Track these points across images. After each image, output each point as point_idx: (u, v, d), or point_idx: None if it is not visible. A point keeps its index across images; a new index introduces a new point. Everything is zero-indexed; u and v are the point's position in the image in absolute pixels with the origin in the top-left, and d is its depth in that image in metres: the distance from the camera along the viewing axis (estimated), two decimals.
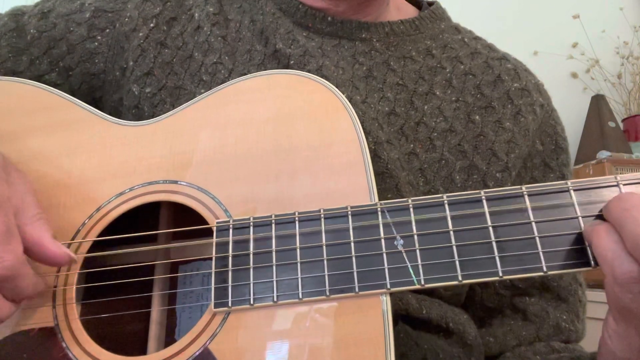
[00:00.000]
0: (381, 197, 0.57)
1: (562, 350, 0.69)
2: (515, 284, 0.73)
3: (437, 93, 0.73)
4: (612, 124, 2.25)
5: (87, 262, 0.60)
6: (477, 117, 0.73)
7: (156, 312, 0.62)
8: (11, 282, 0.50)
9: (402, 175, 0.67)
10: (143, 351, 0.60)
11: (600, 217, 0.48)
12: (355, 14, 0.77)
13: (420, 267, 0.50)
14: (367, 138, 0.59)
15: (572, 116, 2.35)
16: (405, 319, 0.64)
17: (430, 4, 0.85)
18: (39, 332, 0.56)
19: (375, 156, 0.65)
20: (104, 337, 0.57)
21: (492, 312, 0.74)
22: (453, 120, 0.72)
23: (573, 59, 2.43)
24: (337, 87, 0.60)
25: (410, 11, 0.85)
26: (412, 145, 0.70)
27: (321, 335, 0.50)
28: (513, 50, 0.85)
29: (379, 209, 0.53)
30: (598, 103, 2.32)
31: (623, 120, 2.38)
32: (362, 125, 0.58)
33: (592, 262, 0.47)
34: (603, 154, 2.01)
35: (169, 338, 0.62)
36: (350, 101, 0.60)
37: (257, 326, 0.51)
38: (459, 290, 0.70)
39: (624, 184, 0.49)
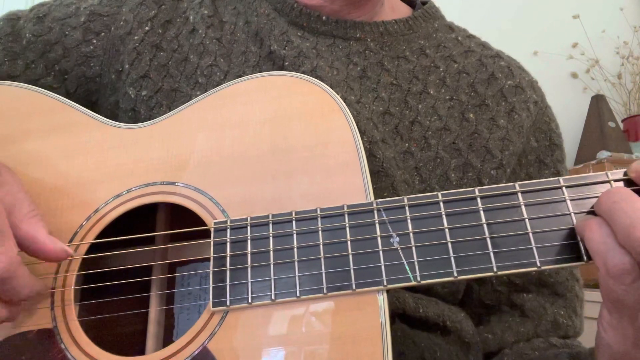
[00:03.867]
0: (377, 195, 0.57)
1: (560, 345, 0.70)
2: (513, 281, 0.73)
3: (431, 92, 0.74)
4: (612, 124, 2.25)
5: (85, 264, 0.60)
6: (472, 115, 0.73)
7: (154, 312, 0.62)
8: (7, 283, 0.50)
9: (397, 174, 0.67)
10: (142, 351, 0.61)
11: (592, 213, 0.48)
12: (349, 12, 0.77)
13: (416, 263, 0.50)
14: (362, 137, 0.59)
15: (572, 116, 2.35)
16: (402, 318, 0.65)
17: (424, 3, 0.85)
18: (38, 334, 0.56)
19: (370, 155, 0.66)
20: (102, 338, 0.57)
21: (489, 309, 0.74)
22: (447, 118, 0.72)
23: (573, 59, 2.43)
24: (331, 87, 0.61)
25: (404, 10, 0.85)
26: (407, 144, 0.70)
27: (319, 333, 0.50)
28: (513, 50, 0.85)
29: (374, 207, 0.53)
30: (598, 103, 2.32)
31: (623, 120, 2.38)
32: (357, 125, 0.59)
33: (585, 257, 0.47)
34: (603, 154, 2.01)
35: (167, 338, 0.63)
36: (344, 101, 0.60)
37: (255, 325, 0.52)
38: (456, 287, 0.71)
39: (615, 180, 0.50)
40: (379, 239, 0.52)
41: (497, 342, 0.71)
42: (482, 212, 0.51)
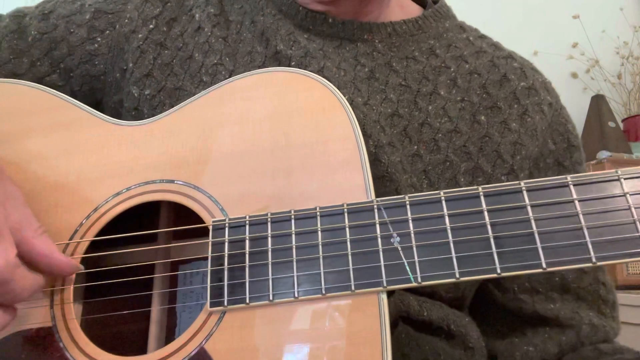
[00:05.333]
0: None
1: (610, 352, 0.67)
2: (535, 288, 0.72)
3: (442, 93, 0.72)
4: (612, 124, 2.25)
5: (84, 263, 0.60)
6: (483, 117, 0.72)
7: (156, 311, 0.62)
8: (4, 286, 0.49)
9: (403, 179, 0.66)
10: (143, 351, 0.60)
11: (601, 212, 0.47)
12: (355, 13, 0.76)
13: (417, 264, 0.49)
14: (367, 141, 0.57)
15: (572, 116, 2.33)
16: (406, 320, 0.64)
17: (435, 2, 0.83)
18: (37, 333, 0.56)
19: (375, 160, 0.65)
20: (103, 337, 0.57)
21: (518, 318, 0.72)
22: (458, 120, 0.71)
23: (573, 59, 2.43)
24: (338, 88, 0.60)
25: (414, 10, 0.84)
26: (415, 147, 0.69)
27: (317, 334, 0.50)
28: (513, 50, 0.85)
29: (375, 206, 0.52)
30: (598, 103, 2.32)
31: (623, 120, 2.38)
32: (363, 129, 0.58)
33: (594, 258, 0.46)
34: (603, 154, 2.01)
35: (170, 338, 0.62)
36: (351, 103, 0.59)
37: (253, 325, 0.51)
38: (460, 293, 0.69)
39: (625, 178, 0.48)
40: (379, 238, 0.51)
41: (539, 354, 0.69)
42: (485, 211, 0.50)
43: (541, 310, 0.71)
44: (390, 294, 0.50)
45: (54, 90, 0.68)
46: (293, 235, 0.53)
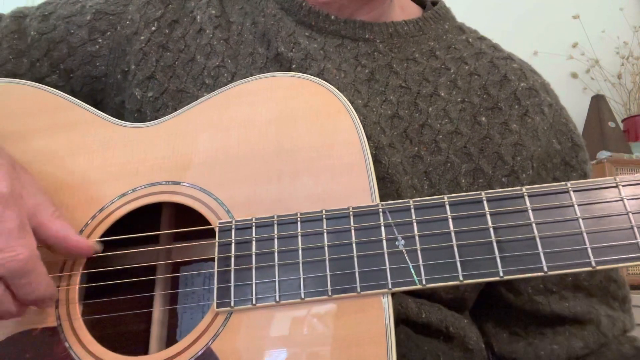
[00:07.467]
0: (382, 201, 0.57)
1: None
2: (549, 288, 0.72)
3: (442, 94, 0.72)
4: (612, 124, 2.25)
5: (90, 263, 0.60)
6: (483, 118, 0.71)
7: (158, 312, 0.62)
8: (25, 277, 0.50)
9: (403, 180, 0.66)
10: (145, 351, 0.61)
11: (600, 217, 0.48)
12: (358, 9, 0.76)
13: (421, 267, 0.50)
14: (367, 143, 0.58)
15: (572, 116, 2.33)
16: (406, 323, 0.64)
17: (434, 4, 0.83)
18: (42, 332, 0.57)
19: (375, 161, 0.64)
20: (106, 337, 0.57)
21: (535, 320, 0.73)
22: (459, 121, 0.71)
23: (573, 59, 2.44)
24: (338, 90, 0.60)
25: (415, 11, 0.84)
26: (416, 148, 0.69)
27: (323, 335, 0.50)
28: (513, 50, 0.85)
29: (380, 209, 0.53)
30: (598, 103, 2.33)
31: (623, 120, 2.39)
32: (363, 130, 0.58)
33: (593, 263, 0.47)
34: (603, 154, 2.01)
35: (171, 338, 0.63)
36: (351, 105, 0.60)
37: (259, 326, 0.52)
38: (461, 294, 0.69)
39: (623, 186, 0.50)
40: (384, 241, 0.52)
41: (564, 351, 0.70)
42: (488, 216, 0.51)
43: (558, 310, 0.71)
44: (391, 294, 0.50)
45: (57, 91, 0.69)
46: (299, 237, 0.54)
